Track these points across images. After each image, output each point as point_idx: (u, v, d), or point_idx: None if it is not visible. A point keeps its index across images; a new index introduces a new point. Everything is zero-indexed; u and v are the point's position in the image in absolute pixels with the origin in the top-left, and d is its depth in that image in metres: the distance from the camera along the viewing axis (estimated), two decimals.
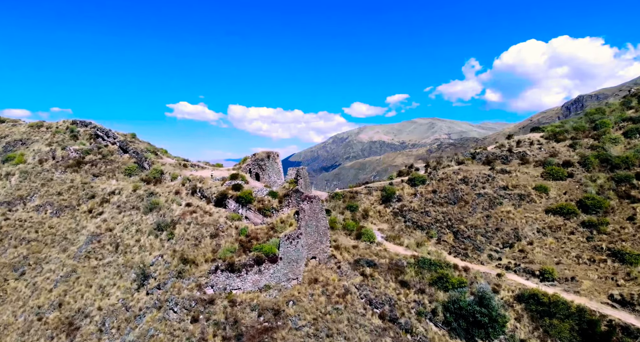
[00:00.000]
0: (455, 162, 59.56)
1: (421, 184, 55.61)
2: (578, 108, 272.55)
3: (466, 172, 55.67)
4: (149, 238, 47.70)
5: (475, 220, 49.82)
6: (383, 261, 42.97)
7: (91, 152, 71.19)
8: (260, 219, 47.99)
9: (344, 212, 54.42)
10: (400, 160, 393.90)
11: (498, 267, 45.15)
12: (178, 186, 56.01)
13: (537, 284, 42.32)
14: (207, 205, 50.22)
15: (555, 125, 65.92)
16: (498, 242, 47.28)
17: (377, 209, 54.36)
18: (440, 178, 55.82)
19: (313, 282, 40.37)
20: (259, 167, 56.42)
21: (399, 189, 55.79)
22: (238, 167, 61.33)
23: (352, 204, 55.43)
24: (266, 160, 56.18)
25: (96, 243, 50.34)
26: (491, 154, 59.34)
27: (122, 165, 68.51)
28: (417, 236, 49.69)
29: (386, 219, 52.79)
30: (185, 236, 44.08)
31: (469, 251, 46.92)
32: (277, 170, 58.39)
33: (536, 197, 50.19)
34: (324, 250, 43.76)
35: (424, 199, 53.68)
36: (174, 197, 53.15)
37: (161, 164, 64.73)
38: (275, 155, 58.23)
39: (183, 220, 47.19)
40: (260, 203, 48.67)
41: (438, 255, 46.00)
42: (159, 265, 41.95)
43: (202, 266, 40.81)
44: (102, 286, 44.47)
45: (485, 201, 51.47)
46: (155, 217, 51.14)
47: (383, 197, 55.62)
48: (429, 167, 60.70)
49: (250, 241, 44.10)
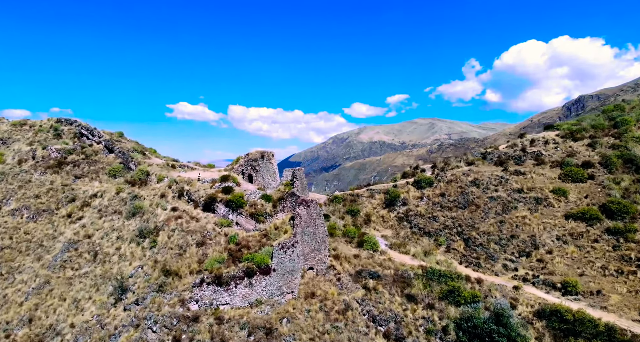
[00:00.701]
0: (464, 163, 55.96)
1: (428, 187, 51.99)
2: (579, 108, 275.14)
3: (477, 174, 52.05)
4: (130, 246, 44.06)
5: (488, 226, 46.18)
6: (387, 272, 39.32)
7: (74, 152, 67.53)
8: (252, 225, 44.33)
9: (344, 217, 50.79)
10: (400, 160, 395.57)
11: (514, 279, 41.54)
12: (164, 188, 52.38)
13: (559, 298, 38.70)
14: (194, 209, 46.56)
15: (571, 122, 62.37)
16: (513, 251, 43.66)
17: (380, 214, 50.70)
18: (449, 180, 52.19)
19: (310, 296, 36.68)
20: (252, 168, 52.78)
21: (403, 192, 52.16)
22: (230, 168, 57.72)
23: (353, 208, 51.81)
24: (260, 161, 52.54)
25: (73, 251, 46.66)
26: (503, 153, 55.74)
27: (106, 166, 64.89)
28: (424, 243, 46.03)
29: (390, 225, 49.14)
30: (169, 244, 40.41)
31: (482, 261, 43.30)
32: (272, 171, 54.78)
33: (554, 201, 46.57)
34: (322, 260, 40.11)
35: (432, 202, 50.03)
36: (159, 201, 49.52)
37: (148, 165, 61.13)
38: (270, 155, 54.61)
39: (167, 226, 43.53)
40: (253, 207, 45.02)
41: (448, 265, 42.38)
42: (139, 277, 38.27)
43: (186, 279, 37.09)
44: (77, 300, 40.78)
45: (499, 205, 47.83)
46: (139, 222, 47.50)
47: (386, 200, 51.98)
48: (436, 168, 57.08)
49: (241, 249, 40.46)
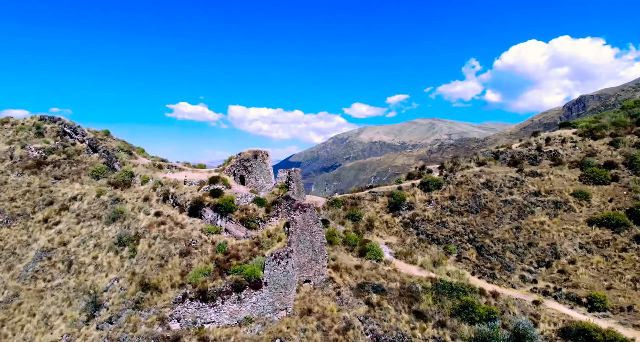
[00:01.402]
0: (475, 163, 52.33)
1: (436, 189, 48.35)
2: (580, 108, 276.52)
3: (489, 175, 48.43)
4: (107, 255, 40.51)
5: (503, 232, 42.57)
6: (393, 286, 35.75)
7: (55, 151, 63.99)
8: (243, 232, 40.72)
9: (345, 222, 47.16)
10: (400, 160, 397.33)
11: (534, 292, 37.93)
12: (148, 191, 48.78)
13: (585, 314, 35.14)
14: (179, 214, 42.97)
15: (589, 120, 58.83)
16: (532, 261, 40.12)
17: (384, 219, 47.07)
18: (459, 182, 48.56)
19: (306, 313, 33.11)
20: (244, 168, 49.15)
21: (409, 195, 48.52)
22: (221, 169, 54.12)
23: (354, 213, 48.18)
24: (253, 161, 48.90)
25: (46, 260, 43.08)
26: (517, 153, 52.15)
27: (89, 167, 61.37)
28: (432, 251, 42.41)
29: (395, 231, 45.50)
30: (149, 254, 36.82)
31: (497, 271, 39.73)
32: (267, 172, 51.13)
33: (575, 205, 42.99)
34: (319, 271, 36.51)
35: (440, 206, 46.39)
36: (141, 205, 45.93)
37: (133, 165, 57.53)
38: (264, 155, 50.97)
39: (149, 233, 39.95)
40: (244, 212, 41.43)
41: (459, 276, 38.79)
42: (114, 291, 34.61)
43: (167, 293, 33.50)
44: (47, 316, 37.18)
45: (514, 210, 44.24)
46: (119, 228, 43.96)
47: (391, 204, 48.34)
48: (445, 168, 53.45)
49: (229, 260, 36.92)
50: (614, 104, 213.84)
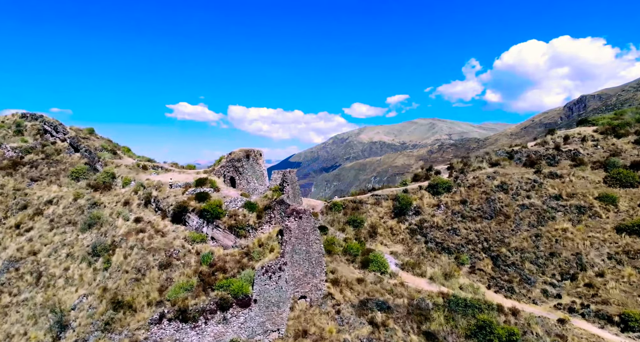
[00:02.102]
0: (487, 163, 48.60)
1: (446, 192, 44.59)
2: (580, 108, 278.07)
3: (504, 177, 44.66)
4: (80, 266, 36.74)
5: (521, 240, 38.83)
6: (400, 302, 32.00)
7: (33, 150, 60.22)
8: (232, 241, 36.95)
9: (345, 228, 43.39)
10: (400, 161, 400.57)
11: (558, 309, 34.19)
12: (129, 194, 45.06)
13: (618, 334, 31.43)
14: (161, 221, 39.22)
15: (610, 116, 55.16)
16: (554, 273, 36.40)
17: (389, 225, 43.30)
18: (471, 184, 44.80)
19: (301, 335, 29.44)
20: (235, 169, 45.37)
21: (416, 199, 44.77)
22: (211, 170, 50.37)
23: (355, 218, 44.43)
24: (244, 161, 45.14)
25: (13, 271, 39.35)
26: (533, 152, 48.42)
27: (69, 167, 57.34)
28: (443, 262, 38.68)
29: (401, 239, 41.73)
30: (124, 267, 33.06)
31: (515, 284, 35.99)
32: (260, 174, 47.36)
33: (601, 211, 39.27)
34: (317, 286, 32.73)
35: (451, 211, 42.63)
36: (121, 210, 42.20)
37: (115, 166, 53.79)
38: (257, 155, 47.21)
39: (126, 242, 36.00)
40: (233, 218, 37.68)
41: (474, 290, 35.04)
42: (82, 310, 30.72)
43: (142, 313, 29.74)
44: (10, 335, 33.47)
45: (533, 215, 40.53)
46: (94, 236, 40.24)
47: (396, 208, 44.57)
48: (454, 169, 49.67)
49: (215, 273, 33.15)
50: (614, 104, 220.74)
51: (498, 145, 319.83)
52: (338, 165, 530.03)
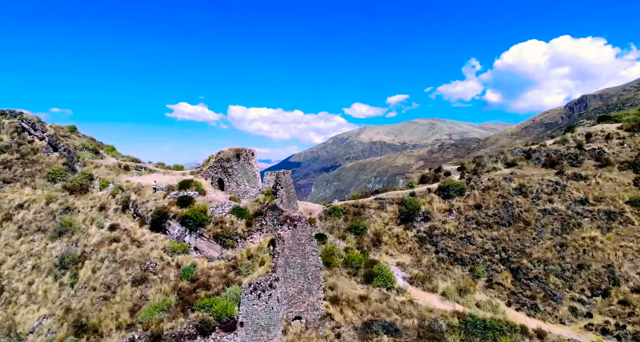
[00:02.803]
0: (502, 164, 44.67)
1: (458, 196, 40.69)
2: (581, 108, 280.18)
3: (522, 178, 40.75)
4: (45, 281, 32.87)
5: (544, 251, 34.93)
6: (409, 323, 28.18)
7: (7, 149, 56.41)
8: (217, 252, 33.07)
9: (346, 236, 39.52)
10: (401, 161, 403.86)
11: (589, 330, 30.35)
12: (106, 197, 41.18)
13: None
14: (139, 228, 35.35)
15: (635, 112, 51.27)
16: (583, 287, 32.54)
17: (395, 232, 39.37)
18: (486, 187, 40.89)
19: None
20: (224, 170, 41.43)
21: (425, 203, 40.83)
22: (198, 171, 46.45)
23: (357, 225, 40.54)
24: (234, 162, 41.20)
25: None
26: (553, 151, 44.52)
27: (46, 168, 53.28)
28: (456, 275, 34.80)
29: (408, 248, 37.81)
30: (92, 283, 29.17)
31: (539, 301, 32.13)
32: (252, 175, 43.41)
33: (633, 217, 35.51)
34: (313, 305, 28.84)
35: (464, 217, 38.74)
36: (95, 215, 38.36)
37: (95, 166, 49.83)
38: (249, 154, 43.27)
39: (97, 253, 31.98)
40: (219, 226, 33.83)
41: (493, 308, 31.20)
42: (41, 334, 26.71)
43: (110, 338, 26.13)
44: None
45: (556, 222, 36.68)
46: (65, 245, 36.16)
47: (402, 214, 40.66)
48: (465, 170, 45.73)
49: (196, 290, 29.39)
50: (616, 104, 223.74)
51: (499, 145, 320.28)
52: (338, 165, 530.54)
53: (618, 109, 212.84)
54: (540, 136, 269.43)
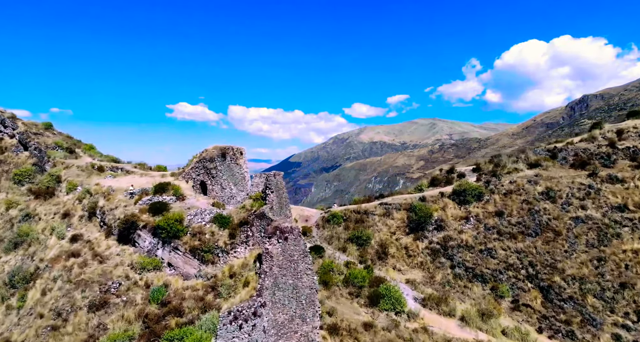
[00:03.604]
0: (524, 164, 39.99)
1: (476, 201, 35.97)
2: (582, 108, 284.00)
3: (549, 181, 36.05)
4: None
5: (578, 266, 30.25)
6: None
7: None
8: (195, 268, 28.42)
9: (347, 247, 34.82)
10: (401, 161, 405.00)
11: None
12: (72, 203, 36.42)
13: None
14: (104, 240, 30.65)
15: None
16: (628, 311, 27.92)
17: (403, 243, 34.62)
18: (508, 191, 36.19)
19: None
20: (207, 172, 36.73)
21: (437, 209, 36.11)
22: (180, 172, 41.70)
23: (360, 234, 35.87)
24: (219, 162, 36.50)
25: None
26: (582, 150, 39.73)
27: (14, 168, 48.43)
28: (476, 294, 30.07)
29: (419, 262, 33.07)
30: (39, 308, 24.33)
31: (576, 327, 27.46)
32: (240, 177, 38.71)
33: None
34: (307, 336, 24.18)
35: (483, 226, 34.02)
36: (57, 224, 33.76)
37: (65, 167, 45.08)
38: (237, 154, 38.56)
39: (50, 271, 27.18)
40: (197, 237, 29.13)
41: (522, 337, 26.82)
42: None
43: None
44: None
45: (591, 231, 32.00)
46: (20, 259, 31.21)
47: (411, 221, 35.93)
48: (482, 171, 41.01)
49: (166, 317, 24.82)
50: (617, 104, 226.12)
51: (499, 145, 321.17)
52: (338, 165, 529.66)
53: (620, 109, 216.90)
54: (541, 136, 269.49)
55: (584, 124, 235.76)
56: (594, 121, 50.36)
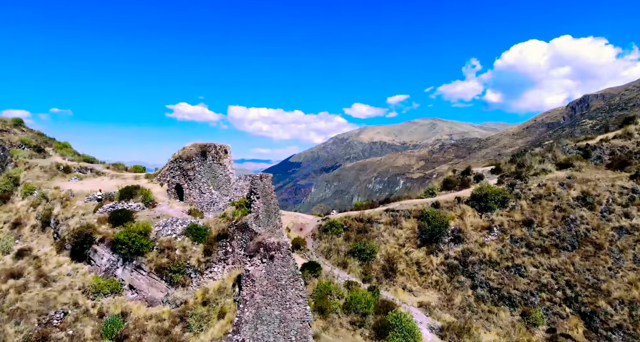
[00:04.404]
0: (552, 164, 35.23)
1: (499, 207, 31.15)
2: (583, 108, 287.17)
3: (584, 184, 31.25)
4: None
5: (626, 286, 25.62)
6: None
7: None
8: (162, 291, 23.75)
9: (347, 263, 30.04)
10: (402, 161, 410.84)
11: None
12: (25, 209, 31.38)
13: None
14: (56, 255, 25.97)
15: None
16: None
17: (414, 258, 29.76)
18: (536, 195, 31.43)
19: None
20: (183, 174, 31.74)
21: (454, 216, 31.28)
22: (155, 174, 36.77)
23: (362, 247, 31.11)
24: (197, 162, 31.64)
25: None
26: (619, 148, 34.88)
27: None
28: (503, 321, 25.30)
29: (433, 281, 28.27)
30: None
31: None
32: (224, 180, 33.86)
33: None
34: None
35: (509, 238, 29.24)
36: (4, 236, 28.58)
37: (27, 167, 40.09)
38: (220, 152, 33.72)
39: None
40: (166, 254, 24.40)
41: None
42: None
43: None
44: None
45: (639, 244, 26.77)
46: None
47: (423, 232, 31.06)
48: (503, 173, 36.16)
49: None
50: (618, 104, 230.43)
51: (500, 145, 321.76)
52: (338, 165, 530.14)
53: (621, 109, 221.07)
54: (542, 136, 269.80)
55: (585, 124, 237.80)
56: (627, 116, 45.52)
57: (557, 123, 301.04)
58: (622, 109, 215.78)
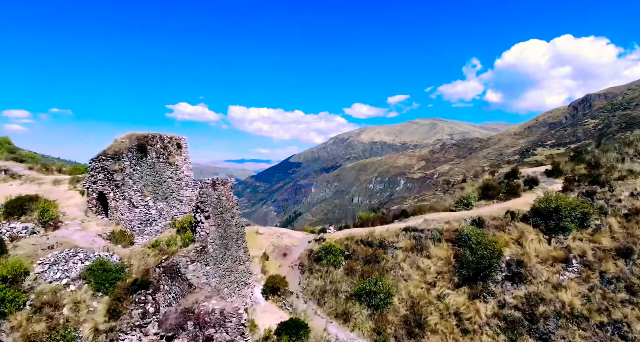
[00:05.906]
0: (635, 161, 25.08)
1: (576, 227, 21.32)
2: (586, 107, 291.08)
3: None
4: None
5: None
6: None
7: None
8: None
9: (350, 312, 20.43)
10: (402, 161, 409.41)
11: None
12: None
13: None
14: None
15: None
16: None
17: (451, 305, 20.12)
18: (632, 210, 21.49)
19: None
20: (107, 178, 21.97)
21: (507, 241, 21.63)
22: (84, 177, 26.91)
23: (372, 287, 21.25)
24: (129, 161, 22.01)
25: None
26: None
27: None
28: None
29: None
30: None
31: None
32: (174, 186, 24.30)
33: None
34: None
35: (598, 276, 19.63)
36: None
37: None
38: (171, 146, 24.29)
39: None
40: (45, 316, 14.39)
41: None
42: None
43: None
44: None
45: None
46: None
47: (463, 263, 21.39)
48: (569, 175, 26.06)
49: None
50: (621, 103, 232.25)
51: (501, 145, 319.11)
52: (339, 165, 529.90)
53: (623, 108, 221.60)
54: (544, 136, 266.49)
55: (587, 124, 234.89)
56: None
57: (559, 123, 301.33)
58: (625, 109, 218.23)
